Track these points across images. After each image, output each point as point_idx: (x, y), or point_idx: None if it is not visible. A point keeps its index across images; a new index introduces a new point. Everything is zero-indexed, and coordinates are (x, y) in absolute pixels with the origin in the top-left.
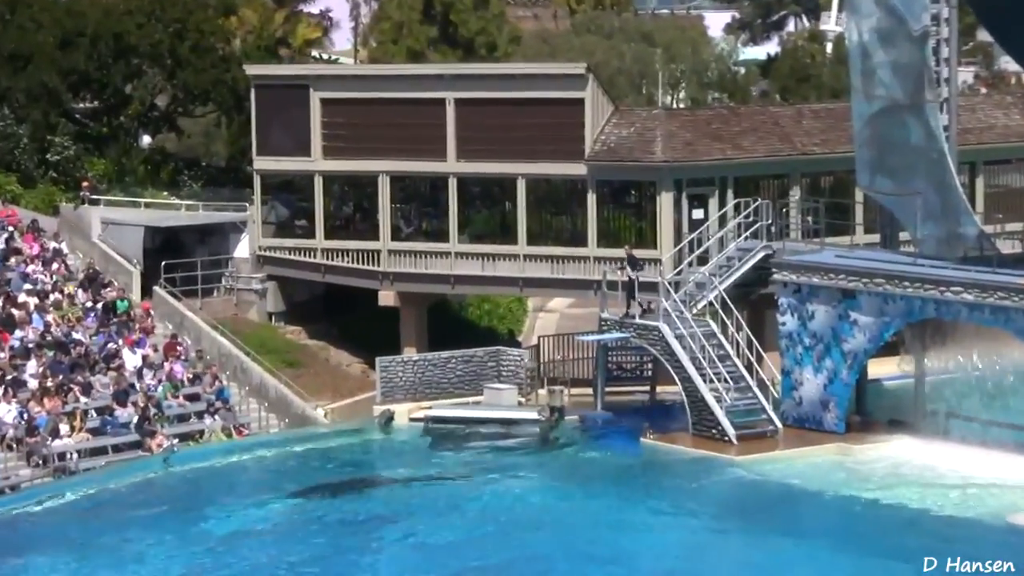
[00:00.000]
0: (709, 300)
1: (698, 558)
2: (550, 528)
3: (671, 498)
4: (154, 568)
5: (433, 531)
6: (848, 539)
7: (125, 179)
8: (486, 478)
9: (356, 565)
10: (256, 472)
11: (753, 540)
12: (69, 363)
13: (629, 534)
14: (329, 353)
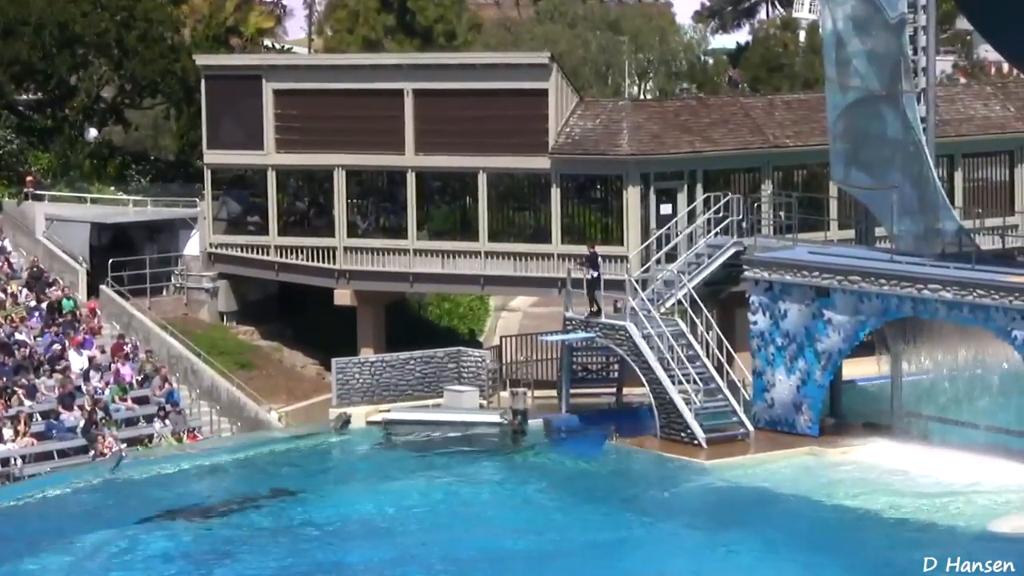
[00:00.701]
0: (678, 299)
1: (663, 563)
2: (497, 516)
3: (638, 503)
4: None
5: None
6: (820, 547)
7: (70, 174)
8: (445, 477)
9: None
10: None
11: (721, 546)
12: (13, 365)
13: (592, 538)
14: (283, 354)
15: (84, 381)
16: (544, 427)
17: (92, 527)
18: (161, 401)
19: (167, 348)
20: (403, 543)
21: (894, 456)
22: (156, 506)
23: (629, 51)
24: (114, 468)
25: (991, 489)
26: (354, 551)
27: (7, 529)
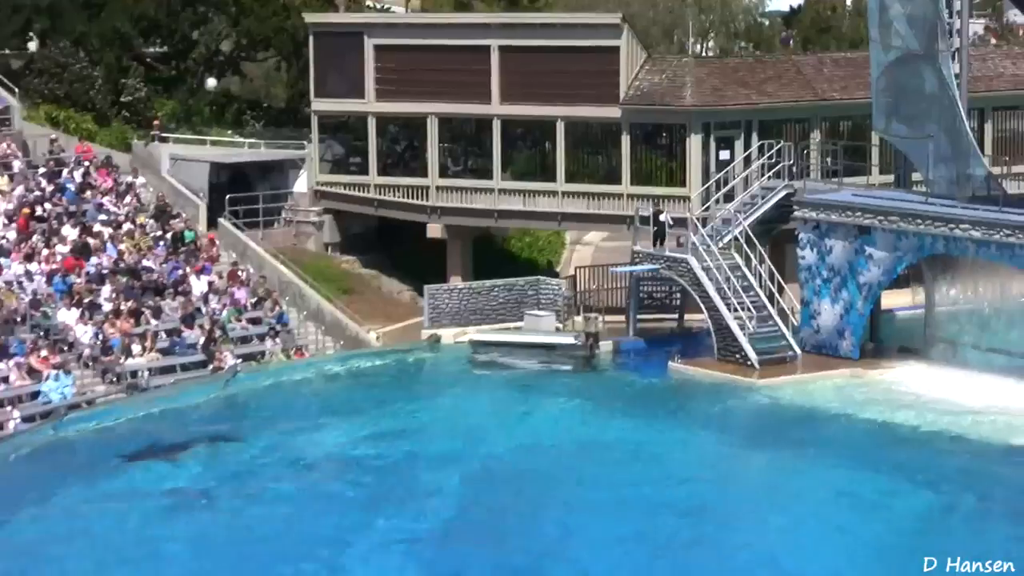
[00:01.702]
0: (734, 235)
1: (718, 472)
2: (580, 443)
3: (696, 418)
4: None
5: (466, 431)
6: (859, 457)
7: (192, 119)
8: (525, 391)
9: (400, 466)
10: (312, 393)
11: (771, 456)
12: (141, 288)
13: (656, 449)
14: (381, 281)
15: (204, 303)
16: (613, 349)
17: (218, 439)
18: (272, 322)
19: (278, 275)
20: (479, 448)
21: (926, 378)
22: (267, 413)
23: (693, 13)
24: (229, 380)
25: (1015, 409)
26: (436, 447)
27: (140, 435)
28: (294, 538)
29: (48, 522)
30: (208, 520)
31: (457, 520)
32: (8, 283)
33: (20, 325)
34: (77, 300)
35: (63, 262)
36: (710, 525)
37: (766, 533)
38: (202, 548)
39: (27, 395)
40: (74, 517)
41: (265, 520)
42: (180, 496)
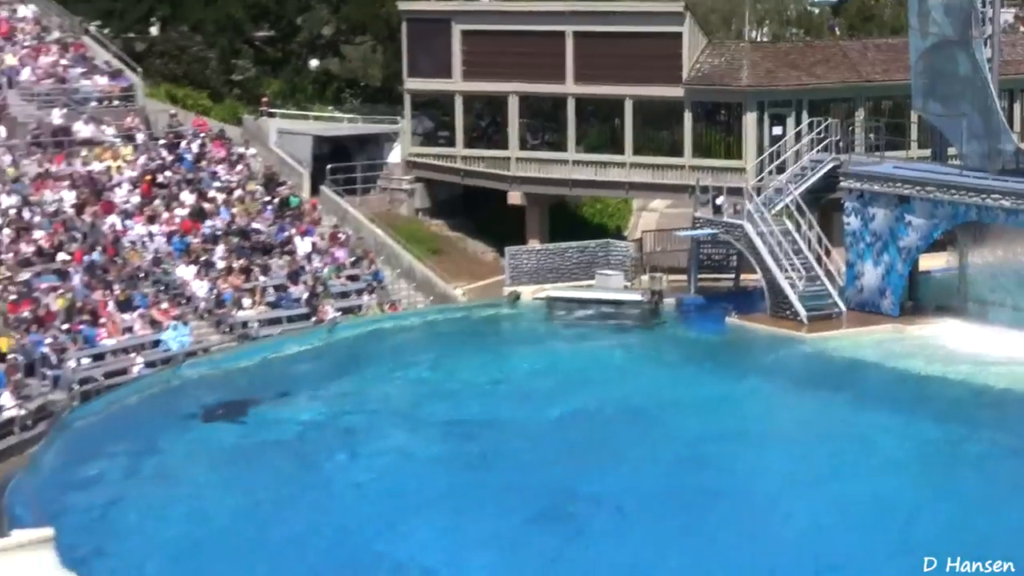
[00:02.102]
0: (785, 203)
1: (769, 416)
2: (643, 386)
3: (749, 367)
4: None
5: (544, 378)
6: (898, 404)
7: (296, 96)
8: (597, 343)
9: (482, 407)
10: (406, 343)
11: (817, 403)
12: (250, 248)
13: (712, 394)
14: (466, 243)
15: (307, 262)
16: (676, 305)
17: (319, 382)
18: (369, 279)
19: (374, 236)
20: (549, 397)
21: (959, 333)
22: (364, 360)
23: (749, 2)
24: (330, 331)
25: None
26: (518, 391)
27: (250, 379)
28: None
29: (171, 455)
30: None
31: (535, 451)
32: (133, 243)
33: (143, 280)
34: (194, 258)
35: (181, 224)
36: (752, 449)
37: (806, 462)
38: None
39: (149, 343)
40: (192, 452)
41: (371, 456)
42: (288, 430)
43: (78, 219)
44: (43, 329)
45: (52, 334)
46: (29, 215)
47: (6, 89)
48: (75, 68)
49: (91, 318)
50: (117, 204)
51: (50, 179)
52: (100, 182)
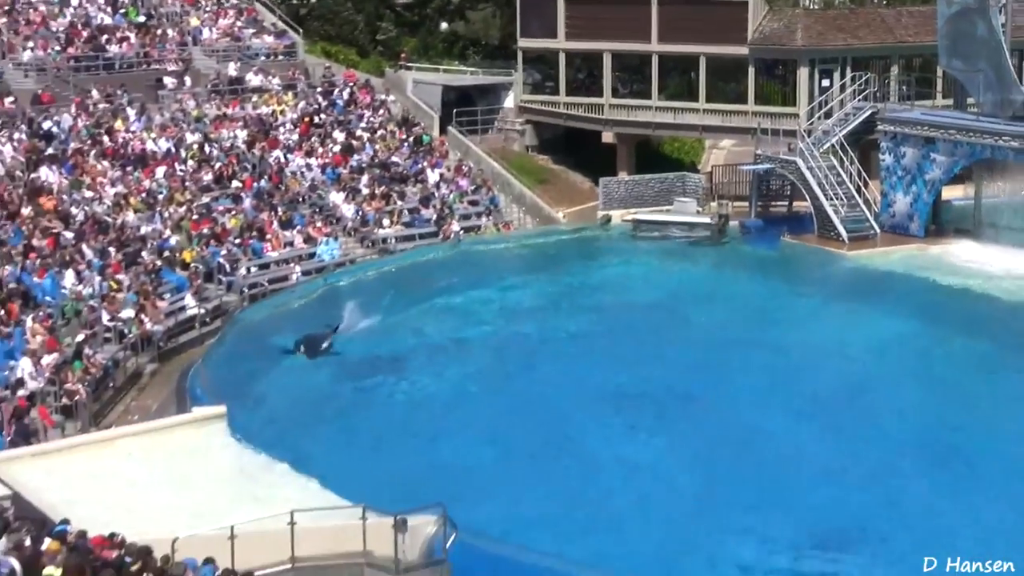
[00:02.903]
0: (831, 143)
1: (816, 316)
2: (712, 292)
3: (801, 278)
4: (448, 318)
5: (635, 292)
6: (922, 306)
7: (429, 52)
8: (674, 258)
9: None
10: (518, 256)
11: (854, 309)
12: (389, 178)
13: (769, 300)
14: (567, 175)
15: (436, 189)
16: (739, 227)
17: (448, 287)
18: (487, 203)
19: (491, 168)
20: (641, 295)
21: (974, 251)
22: (488, 270)
23: None
24: (454, 245)
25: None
26: (611, 295)
27: (390, 285)
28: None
29: (347, 344)
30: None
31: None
32: (293, 173)
33: (301, 204)
34: (343, 186)
35: (333, 158)
36: (799, 334)
37: (841, 352)
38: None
39: (306, 255)
40: (339, 342)
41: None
42: (423, 323)
43: (248, 153)
44: (219, 243)
45: (227, 247)
46: (209, 149)
47: (191, 46)
48: (247, 29)
49: (258, 234)
50: (280, 141)
51: (226, 120)
52: (267, 123)
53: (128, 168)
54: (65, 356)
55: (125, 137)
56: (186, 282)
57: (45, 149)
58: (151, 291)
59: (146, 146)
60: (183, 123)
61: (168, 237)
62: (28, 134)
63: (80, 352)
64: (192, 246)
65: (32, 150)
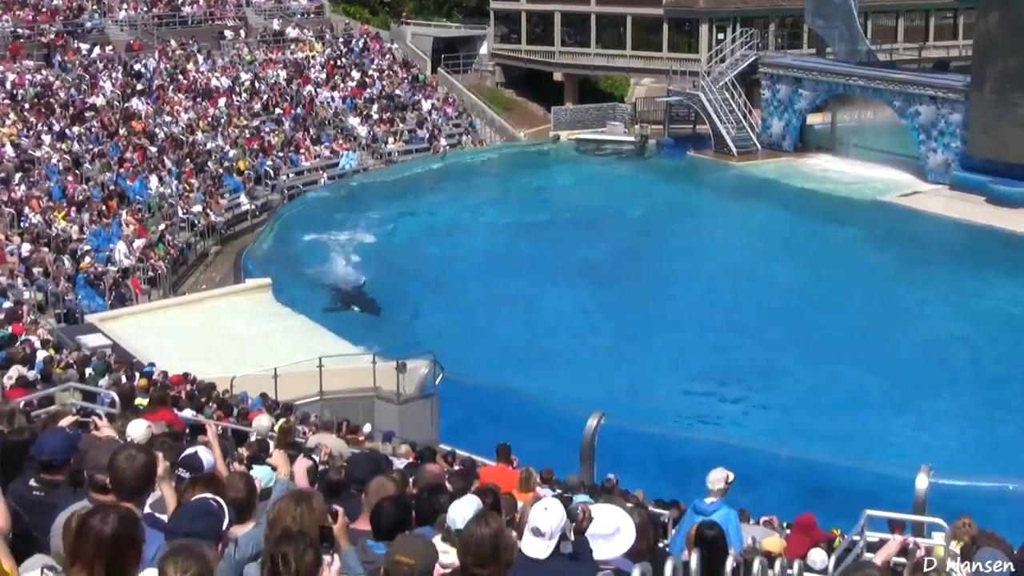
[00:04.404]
0: (725, 82)
1: (713, 209)
2: (636, 192)
3: (700, 182)
4: (438, 209)
5: (576, 186)
6: (791, 203)
7: (424, 11)
8: (607, 166)
9: (537, 189)
10: (490, 164)
11: (741, 205)
12: (394, 106)
13: (678, 197)
14: (527, 104)
15: (428, 115)
16: (656, 145)
17: (437, 187)
18: (466, 125)
19: (470, 99)
20: (584, 193)
21: (831, 163)
22: (467, 175)
23: None
24: (443, 157)
25: (881, 181)
26: (560, 193)
27: (393, 187)
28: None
29: (346, 229)
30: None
31: (566, 227)
32: (322, 102)
33: (328, 126)
34: (359, 112)
35: (352, 91)
36: (696, 223)
37: (726, 229)
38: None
39: (331, 165)
40: (366, 225)
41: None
42: (420, 210)
43: (288, 88)
44: (266, 155)
45: (271, 159)
46: (258, 85)
47: (245, 7)
48: None
49: (295, 149)
50: (312, 78)
51: (271, 63)
52: (301, 65)
53: (198, 99)
54: (151, 240)
55: (195, 76)
56: (241, 185)
57: (136, 85)
58: (215, 191)
59: (211, 83)
60: (239, 65)
61: (227, 151)
62: (123, 73)
63: (162, 237)
64: (245, 157)
65: (126, 86)
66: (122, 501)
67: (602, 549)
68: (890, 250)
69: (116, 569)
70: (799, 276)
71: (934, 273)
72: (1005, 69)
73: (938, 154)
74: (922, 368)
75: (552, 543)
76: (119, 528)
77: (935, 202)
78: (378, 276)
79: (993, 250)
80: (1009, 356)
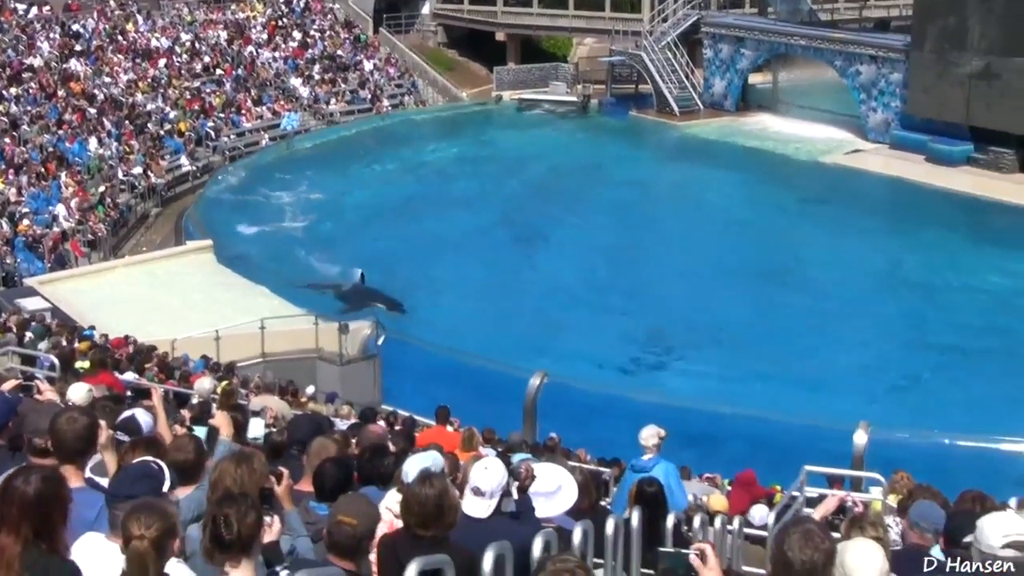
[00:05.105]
0: (667, 41)
1: (655, 168)
2: (579, 151)
3: (642, 142)
4: (381, 170)
5: (518, 146)
6: (733, 162)
7: None
8: (549, 126)
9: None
10: (433, 124)
11: (683, 164)
12: (336, 67)
13: (622, 156)
14: (469, 64)
15: (370, 76)
16: (598, 104)
17: (380, 147)
18: (409, 85)
19: (412, 60)
20: (527, 151)
21: (772, 122)
22: (412, 135)
23: None
24: (385, 118)
25: (822, 141)
26: (502, 153)
27: (335, 148)
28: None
29: (287, 190)
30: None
31: (505, 186)
32: (263, 63)
33: (269, 87)
34: (301, 73)
35: (293, 52)
36: (640, 186)
37: (671, 192)
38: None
39: (272, 126)
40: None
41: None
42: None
43: (229, 48)
44: (207, 116)
45: (212, 120)
46: (199, 45)
47: None
48: None
49: (236, 110)
50: (253, 39)
51: (212, 23)
52: (243, 25)
53: (137, 60)
54: (91, 203)
55: (135, 37)
56: (182, 146)
57: (74, 46)
58: (155, 153)
59: (151, 43)
60: (179, 26)
61: (168, 112)
62: (61, 34)
63: (102, 199)
64: (186, 119)
65: (64, 47)
66: (63, 464)
67: (544, 507)
68: (829, 208)
69: (44, 530)
70: (739, 235)
71: (872, 231)
72: (944, 29)
73: (878, 113)
74: (860, 324)
75: (493, 502)
76: (43, 488)
77: (875, 161)
78: (321, 236)
79: (931, 208)
80: (947, 310)
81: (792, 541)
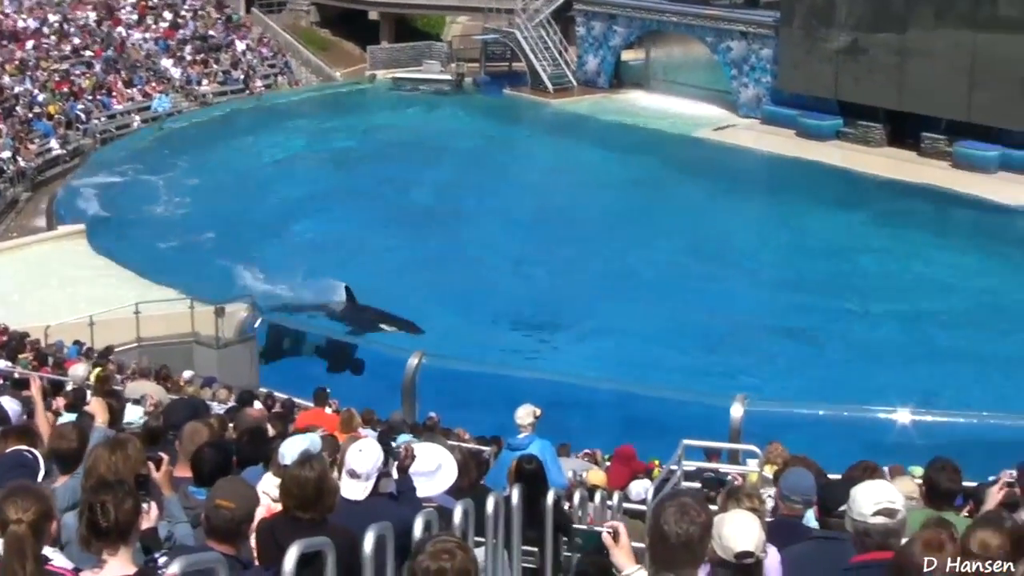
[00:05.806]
0: (541, 19)
1: (530, 145)
2: (455, 129)
3: (519, 118)
4: (256, 151)
5: (399, 129)
6: (606, 138)
7: None
8: (423, 106)
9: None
10: (307, 105)
11: (557, 141)
12: (208, 47)
13: (497, 134)
14: (343, 44)
15: (243, 56)
16: (472, 82)
17: (254, 129)
18: (282, 66)
19: (285, 39)
20: (403, 130)
21: (647, 99)
22: (284, 116)
23: None
24: (258, 99)
25: (694, 116)
26: (373, 133)
27: (208, 129)
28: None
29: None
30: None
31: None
32: (134, 44)
33: (140, 68)
34: (171, 53)
35: (164, 32)
36: (514, 163)
37: (546, 169)
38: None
39: (144, 108)
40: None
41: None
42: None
43: (98, 29)
44: (77, 99)
45: (83, 102)
46: (67, 27)
47: None
48: None
49: (107, 92)
50: (123, 20)
51: (80, 4)
52: (112, 5)
53: (4, 42)
54: None
55: (1, 18)
56: (52, 129)
57: None
58: (24, 136)
59: (17, 24)
60: (47, 6)
61: (37, 95)
62: None
63: None
64: (55, 101)
65: None
66: None
67: (425, 486)
68: (702, 183)
69: None
70: (612, 210)
71: (743, 204)
72: (813, 5)
73: (749, 89)
74: (734, 298)
75: (369, 484)
76: None
77: (747, 136)
78: (199, 219)
79: (801, 181)
80: (819, 284)
81: (668, 514)
